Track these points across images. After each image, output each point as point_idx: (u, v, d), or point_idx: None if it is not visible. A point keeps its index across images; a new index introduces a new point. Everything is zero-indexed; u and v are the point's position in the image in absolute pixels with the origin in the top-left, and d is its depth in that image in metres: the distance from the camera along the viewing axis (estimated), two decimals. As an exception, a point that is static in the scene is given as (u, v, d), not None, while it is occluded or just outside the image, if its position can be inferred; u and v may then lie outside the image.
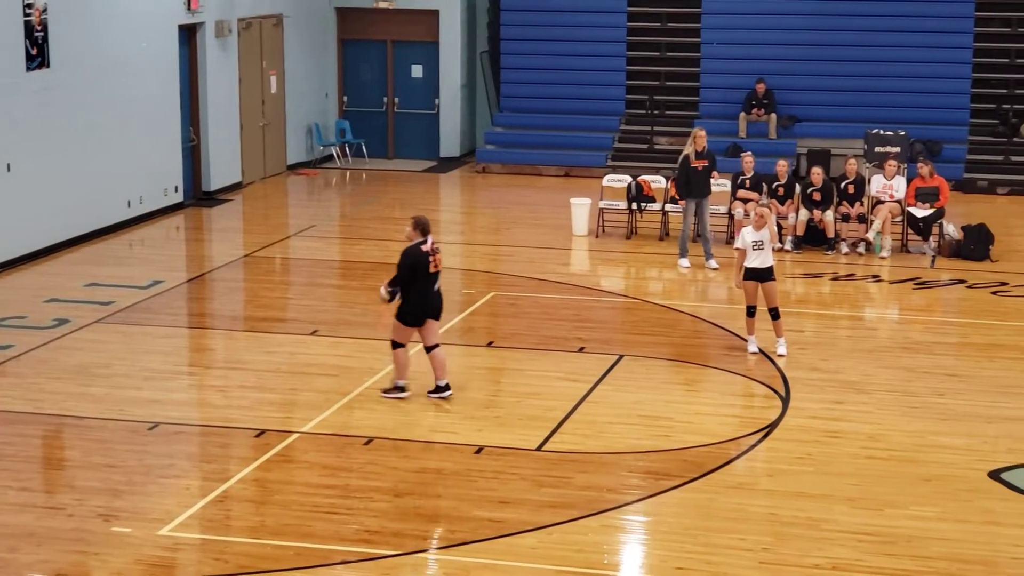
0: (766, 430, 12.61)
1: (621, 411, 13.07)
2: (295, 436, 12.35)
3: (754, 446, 12.23)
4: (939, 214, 19.82)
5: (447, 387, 13.35)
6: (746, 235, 14.60)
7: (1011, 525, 10.55)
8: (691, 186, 18.76)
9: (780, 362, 14.51)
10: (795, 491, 11.16)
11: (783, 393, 13.62)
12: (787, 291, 17.71)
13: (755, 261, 14.52)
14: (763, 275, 14.53)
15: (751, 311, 14.67)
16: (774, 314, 14.62)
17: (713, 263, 18.75)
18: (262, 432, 12.42)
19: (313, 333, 15.56)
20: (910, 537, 10.29)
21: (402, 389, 13.39)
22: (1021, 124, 25.32)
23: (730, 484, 11.43)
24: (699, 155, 18.79)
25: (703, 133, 19.09)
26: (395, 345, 13.32)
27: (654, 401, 13.36)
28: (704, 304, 17.33)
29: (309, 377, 14.02)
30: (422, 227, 13.25)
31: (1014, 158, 24.97)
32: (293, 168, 26.62)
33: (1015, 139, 25.24)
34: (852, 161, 20.40)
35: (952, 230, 19.67)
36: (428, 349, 13.31)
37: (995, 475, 11.55)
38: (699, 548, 10.10)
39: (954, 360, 14.87)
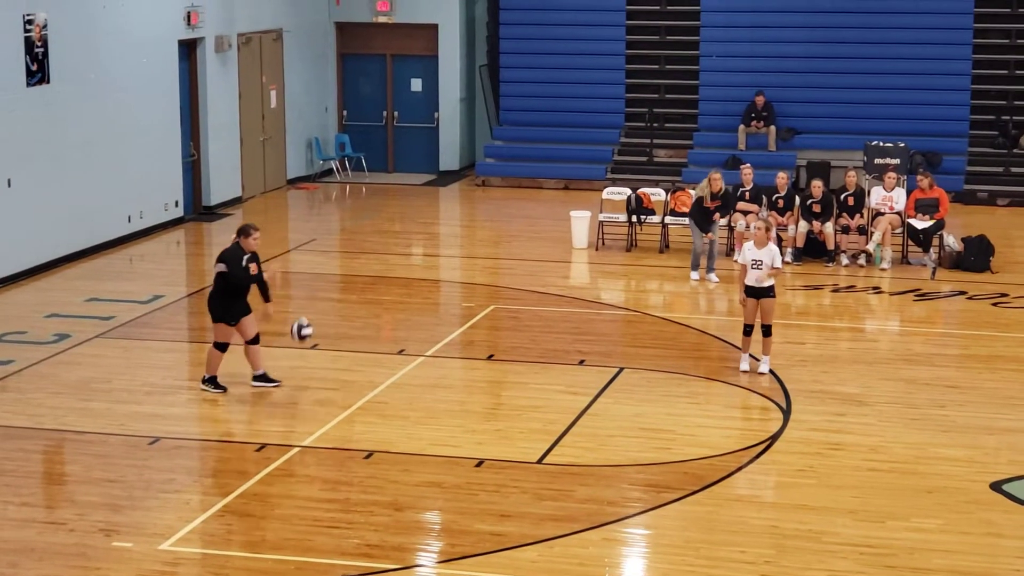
0: (767, 443, 12.60)
1: (622, 424, 13.06)
2: (296, 450, 12.34)
3: (755, 459, 12.22)
4: (939, 226, 19.82)
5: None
6: (746, 251, 14.58)
7: (1012, 537, 10.54)
8: (703, 226, 18.83)
9: (780, 376, 14.49)
10: (797, 504, 11.15)
11: (784, 406, 13.61)
12: (787, 303, 17.72)
13: (752, 279, 14.49)
14: (761, 293, 14.50)
15: (747, 330, 14.63)
16: (765, 331, 14.58)
17: (714, 276, 18.76)
18: (263, 446, 12.42)
19: (314, 347, 15.56)
20: (911, 549, 10.28)
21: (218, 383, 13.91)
22: (1021, 135, 25.34)
23: (731, 497, 11.42)
24: (714, 196, 18.89)
25: (719, 176, 19.16)
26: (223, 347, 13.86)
27: (655, 414, 13.35)
28: (705, 316, 17.32)
29: (310, 391, 14.02)
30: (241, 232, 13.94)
31: (1014, 169, 24.98)
32: (293, 182, 26.64)
33: (1015, 150, 25.25)
34: (852, 173, 20.41)
35: (952, 242, 19.68)
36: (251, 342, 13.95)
37: (996, 487, 11.54)
38: (700, 561, 10.08)
39: (955, 372, 14.86)
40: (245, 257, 13.80)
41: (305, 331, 14.33)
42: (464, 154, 28.32)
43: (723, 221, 19.61)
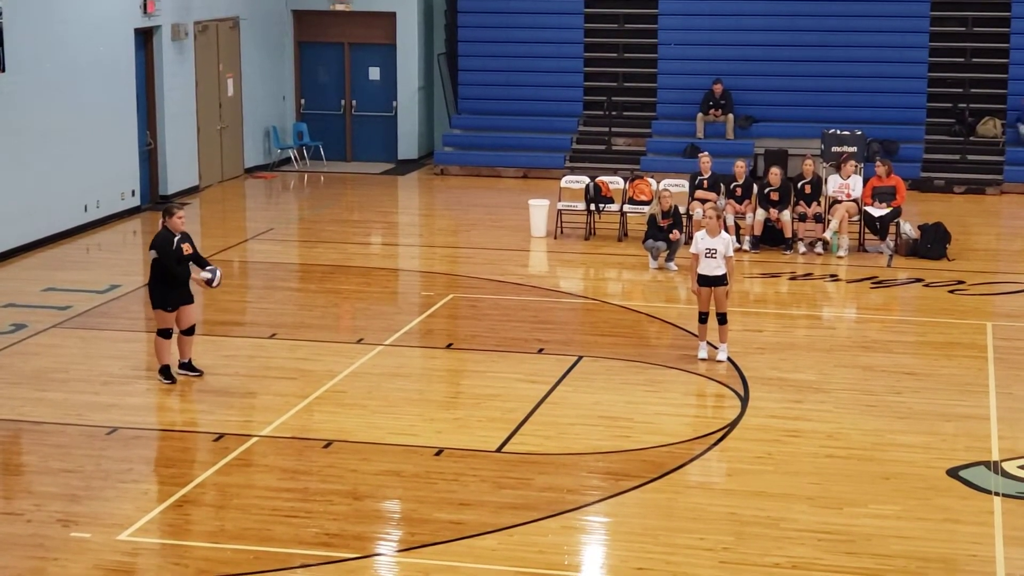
0: (726, 430, 12.64)
1: (581, 412, 13.08)
2: (254, 440, 12.30)
3: (714, 446, 12.26)
4: (896, 213, 19.94)
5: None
6: (699, 240, 14.60)
7: (970, 523, 10.62)
8: (659, 239, 18.93)
9: (729, 361, 14.55)
10: (755, 491, 11.19)
11: (742, 393, 13.66)
12: (745, 291, 17.79)
13: (706, 268, 14.52)
14: (715, 281, 14.53)
15: (703, 317, 14.67)
16: (721, 319, 14.62)
17: (673, 265, 18.82)
18: (221, 436, 12.37)
19: (272, 336, 15.50)
20: (869, 535, 10.34)
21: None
22: (977, 123, 25.51)
23: (690, 484, 11.46)
24: (665, 215, 18.98)
25: (668, 193, 19.39)
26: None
27: (614, 402, 13.38)
28: (663, 305, 17.36)
29: (268, 380, 13.97)
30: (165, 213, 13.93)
31: (970, 157, 25.15)
32: (251, 171, 26.52)
33: (971, 138, 25.43)
34: (808, 161, 20.49)
35: (909, 229, 19.80)
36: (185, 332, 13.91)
37: (953, 473, 11.62)
38: (659, 548, 10.11)
39: (912, 359, 14.96)
40: (176, 239, 13.70)
41: (208, 275, 14.09)
42: (423, 143, 28.27)
43: (681, 209, 19.66)
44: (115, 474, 11.49)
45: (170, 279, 13.66)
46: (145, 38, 23.06)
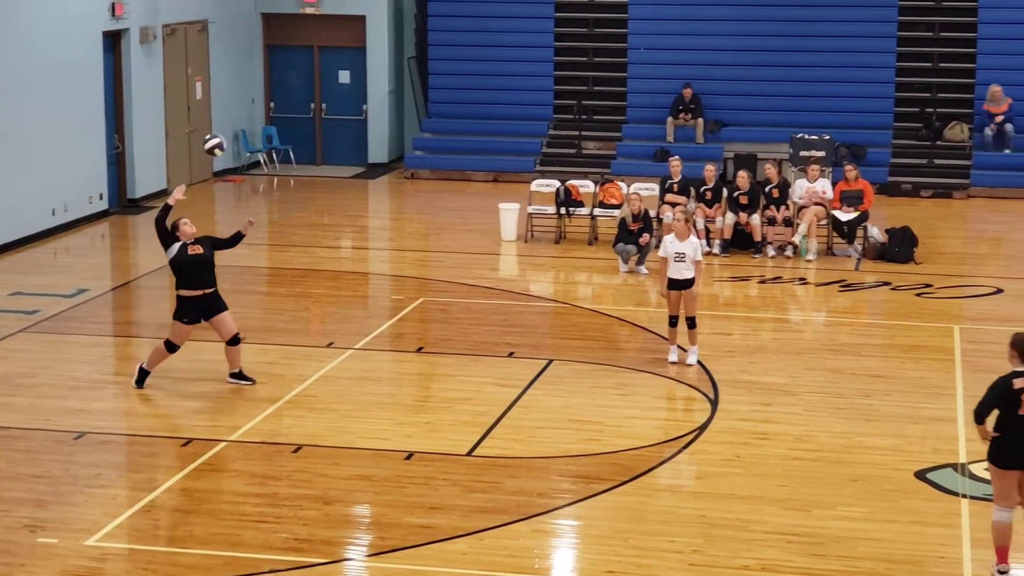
0: (695, 433, 12.67)
1: (551, 415, 13.09)
2: (223, 444, 12.26)
3: (683, 449, 12.29)
4: (864, 217, 20.03)
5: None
6: (668, 245, 14.62)
7: (937, 525, 10.68)
8: (630, 243, 18.96)
9: (699, 364, 14.58)
10: (724, 493, 11.22)
11: (712, 396, 13.69)
12: (715, 295, 17.83)
13: (675, 272, 14.54)
14: (684, 285, 14.55)
15: (673, 321, 14.70)
16: (690, 323, 14.65)
17: (643, 268, 18.85)
18: (189, 441, 12.32)
19: (241, 340, 15.45)
20: (838, 537, 10.38)
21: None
22: (944, 127, 25.64)
23: (660, 487, 11.49)
24: (635, 218, 19.01)
25: (636, 196, 19.50)
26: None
27: (584, 405, 13.39)
28: (633, 308, 17.39)
29: (237, 385, 13.91)
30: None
31: (937, 161, 25.27)
32: (220, 175, 26.44)
33: (938, 142, 25.56)
34: (769, 166, 20.61)
35: (876, 233, 19.88)
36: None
37: (921, 475, 11.68)
38: (630, 551, 10.13)
39: (880, 362, 15.02)
40: (179, 244, 13.55)
41: (213, 143, 14.22)
42: (393, 147, 28.22)
43: (652, 212, 19.70)
44: (83, 479, 11.44)
45: (185, 285, 13.50)
46: (113, 41, 22.96)
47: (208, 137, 14.82)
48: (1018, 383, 9.47)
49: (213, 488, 11.28)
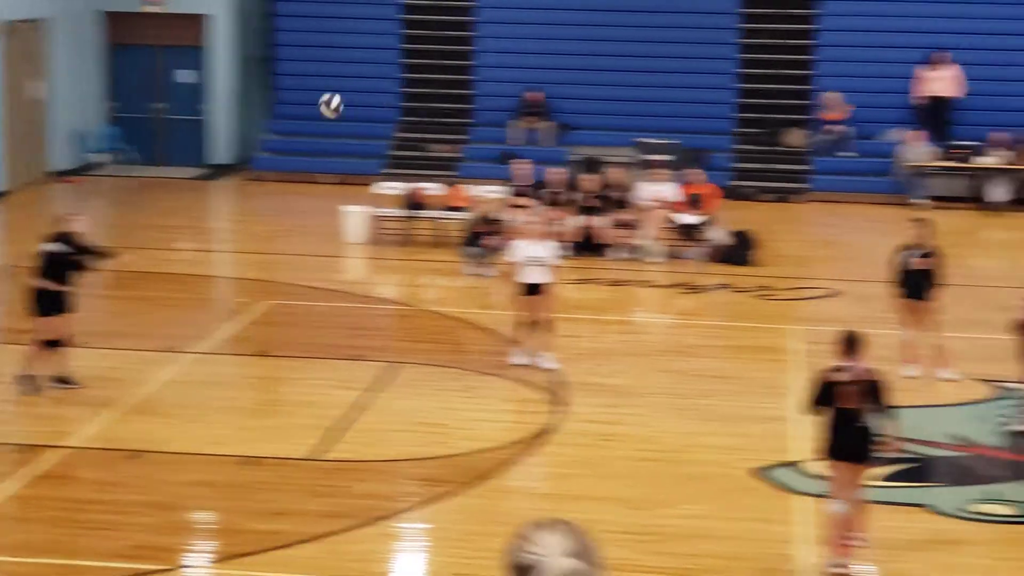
0: (543, 435, 12.72)
1: (398, 418, 13.03)
2: (62, 451, 11.96)
3: (531, 451, 12.33)
4: (706, 220, 20.32)
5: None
6: (520, 248, 14.62)
7: (778, 521, 10.87)
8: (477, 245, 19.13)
9: (557, 367, 14.65)
10: (572, 494, 11.28)
11: (560, 398, 13.76)
12: (563, 297, 17.90)
13: (528, 276, 14.53)
14: (536, 289, 14.56)
15: (523, 324, 14.69)
16: (544, 327, 14.69)
17: (489, 271, 18.87)
18: (27, 447, 12.00)
19: (81, 345, 15.10)
20: (681, 535, 10.51)
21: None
22: (784, 133, 26.16)
23: (508, 489, 11.51)
24: (482, 221, 19.20)
25: (485, 200, 19.83)
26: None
27: (431, 408, 13.35)
28: (480, 311, 17.41)
29: (76, 390, 13.59)
30: None
31: (778, 166, 25.79)
32: (59, 175, 25.83)
33: (778, 148, 26.07)
34: (613, 170, 20.83)
35: (719, 236, 20.19)
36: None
37: (759, 473, 11.88)
38: (479, 553, 10.12)
39: (721, 362, 15.25)
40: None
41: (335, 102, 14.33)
42: (237, 148, 27.86)
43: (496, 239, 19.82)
44: (-87, 488, 11.08)
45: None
46: (-54, 37, 22.33)
47: (328, 97, 14.73)
48: (835, 376, 9.80)
49: (51, 495, 11.01)
